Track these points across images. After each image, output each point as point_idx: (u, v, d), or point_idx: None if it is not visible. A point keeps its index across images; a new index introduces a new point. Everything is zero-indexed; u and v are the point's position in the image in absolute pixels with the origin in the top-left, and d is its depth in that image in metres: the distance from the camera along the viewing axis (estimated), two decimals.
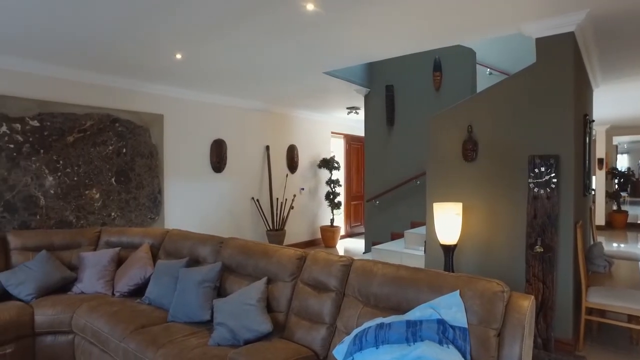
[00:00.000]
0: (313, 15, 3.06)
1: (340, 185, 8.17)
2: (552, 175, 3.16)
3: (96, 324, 2.87)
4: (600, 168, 10.18)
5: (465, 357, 1.71)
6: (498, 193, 3.58)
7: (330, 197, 8.02)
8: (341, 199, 8.51)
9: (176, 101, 5.61)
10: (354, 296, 2.25)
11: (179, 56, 4.05)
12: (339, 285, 2.32)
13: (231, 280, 2.87)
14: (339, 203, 8.11)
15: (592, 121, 4.35)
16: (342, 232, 8.71)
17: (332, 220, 8.04)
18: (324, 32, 3.45)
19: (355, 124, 8.93)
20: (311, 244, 7.86)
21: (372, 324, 1.91)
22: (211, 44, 3.71)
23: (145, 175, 5.21)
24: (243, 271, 2.84)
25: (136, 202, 5.12)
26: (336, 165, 8.03)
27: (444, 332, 1.77)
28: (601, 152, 10.18)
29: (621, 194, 10.69)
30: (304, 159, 7.80)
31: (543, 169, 3.20)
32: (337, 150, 8.91)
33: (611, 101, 6.82)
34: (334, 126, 8.58)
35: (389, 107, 6.07)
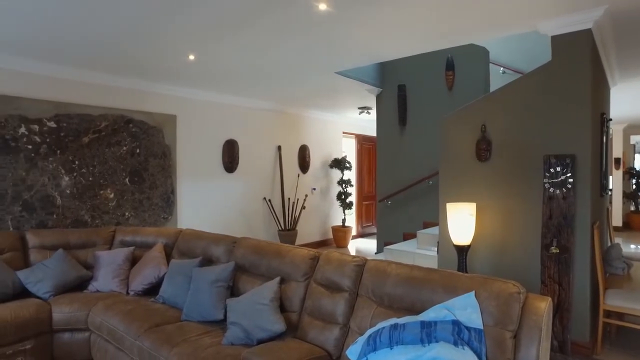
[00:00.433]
0: (325, 15, 3.06)
1: (351, 186, 8.15)
2: (568, 175, 3.11)
3: (111, 322, 2.91)
4: (617, 168, 9.99)
5: (480, 359, 1.69)
6: (512, 193, 3.53)
7: (342, 197, 8.01)
8: (353, 199, 8.49)
9: (189, 102, 5.66)
10: (367, 296, 2.24)
11: (191, 57, 4.08)
12: (352, 285, 2.31)
13: (244, 279, 2.88)
14: (350, 203, 8.10)
15: (610, 120, 4.27)
16: (353, 232, 8.69)
17: (343, 221, 8.02)
18: (336, 31, 3.45)
19: (367, 123, 8.90)
20: (323, 244, 7.86)
21: (386, 324, 1.89)
22: (224, 44, 3.73)
23: (158, 176, 5.27)
24: (256, 271, 2.85)
25: (149, 202, 5.18)
26: (348, 165, 8.02)
27: (459, 334, 1.75)
28: (618, 152, 9.98)
29: (639, 194, 10.46)
30: (315, 159, 7.81)
31: (559, 168, 3.15)
32: (349, 151, 8.90)
33: (629, 99, 6.69)
34: (345, 126, 8.57)
35: (401, 106, 6.04)
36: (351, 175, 8.67)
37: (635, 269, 4.10)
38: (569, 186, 3.10)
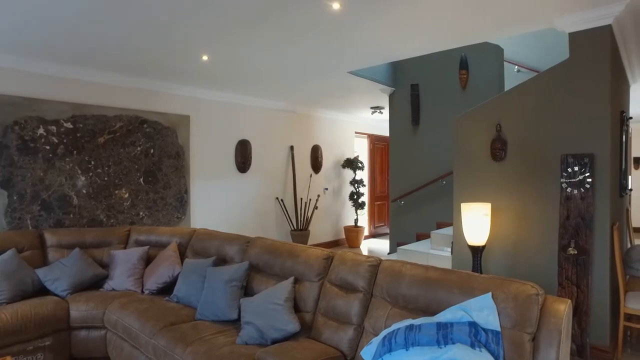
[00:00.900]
0: (338, 14, 3.05)
1: (364, 186, 8.12)
2: (587, 175, 3.05)
3: (127, 320, 2.94)
4: (637, 167, 9.77)
5: None
6: (528, 193, 3.48)
7: (354, 197, 7.98)
8: (365, 199, 8.46)
9: (202, 102, 5.70)
10: (382, 297, 2.22)
11: (205, 58, 4.11)
12: (366, 285, 2.29)
13: (258, 279, 2.89)
14: (362, 203, 8.07)
15: (629, 118, 4.17)
16: (365, 232, 8.66)
17: (356, 221, 8.00)
18: (349, 31, 3.43)
19: (379, 123, 8.87)
20: (335, 244, 7.85)
21: (401, 325, 1.88)
22: (237, 45, 3.74)
23: (172, 176, 5.31)
24: (270, 271, 2.85)
25: (163, 202, 5.22)
26: (360, 165, 7.99)
27: (476, 335, 1.72)
28: (638, 151, 9.76)
29: None
30: (327, 159, 7.80)
31: (576, 168, 3.09)
32: (361, 150, 8.87)
33: None
34: (358, 126, 8.55)
35: (414, 106, 5.99)
36: (363, 175, 8.64)
37: None
38: (587, 186, 3.04)
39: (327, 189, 7.78)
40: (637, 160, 9.76)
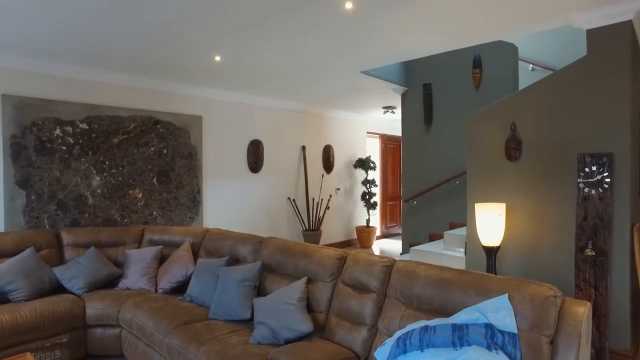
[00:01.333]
0: (351, 13, 3.04)
1: (376, 186, 8.09)
2: (605, 174, 2.98)
3: (141, 319, 2.97)
4: None
5: None
6: (544, 193, 3.42)
7: (366, 197, 7.95)
8: (377, 199, 8.42)
9: (215, 103, 5.73)
10: (395, 297, 2.20)
11: (218, 58, 4.13)
12: (380, 286, 2.28)
13: (271, 279, 2.89)
14: (374, 203, 8.03)
15: None
16: (377, 232, 8.62)
17: (367, 221, 7.97)
18: (362, 30, 3.42)
19: (391, 123, 8.82)
20: (347, 244, 7.83)
21: (415, 326, 1.86)
22: (249, 45, 3.75)
23: (184, 176, 5.35)
24: (283, 271, 2.85)
25: (176, 202, 5.27)
26: (372, 165, 7.96)
27: (492, 337, 1.70)
28: None
29: None
30: (339, 159, 7.78)
31: (594, 168, 3.03)
32: (373, 150, 8.83)
33: None
34: (369, 126, 8.51)
35: (427, 105, 5.95)
36: (375, 175, 8.60)
37: None
38: (606, 186, 2.98)
39: (339, 189, 7.76)
40: None
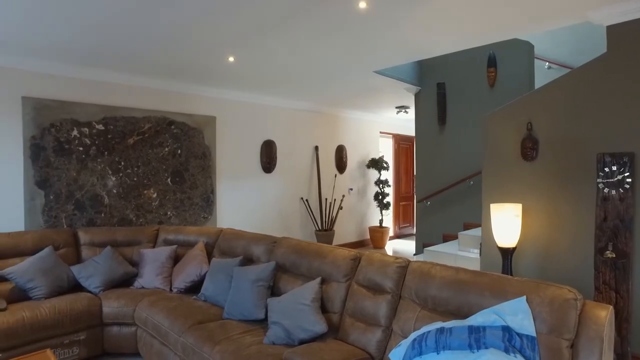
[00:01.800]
0: (364, 13, 3.02)
1: (389, 186, 8.04)
2: (626, 174, 2.91)
3: (156, 318, 3.00)
4: None
5: None
6: (561, 194, 3.36)
7: (379, 197, 7.92)
8: (390, 199, 8.38)
9: (228, 103, 5.77)
10: (410, 299, 2.18)
11: (231, 59, 4.15)
12: (394, 287, 2.26)
13: (285, 279, 2.89)
14: (387, 204, 7.99)
15: None
16: (390, 233, 8.57)
17: (380, 221, 7.93)
18: (375, 30, 3.40)
19: (404, 123, 8.77)
20: (360, 244, 7.81)
21: (431, 328, 1.84)
22: (263, 46, 3.76)
23: (198, 176, 5.40)
24: (296, 271, 2.85)
25: (190, 202, 5.31)
26: (385, 165, 7.92)
27: (510, 340, 1.67)
28: None
29: None
30: (352, 159, 7.76)
31: (614, 167, 2.96)
32: (386, 150, 8.79)
33: None
34: (382, 126, 8.47)
35: (441, 105, 5.89)
36: (388, 175, 8.56)
37: None
38: (627, 186, 2.91)
39: (351, 189, 7.74)
40: None
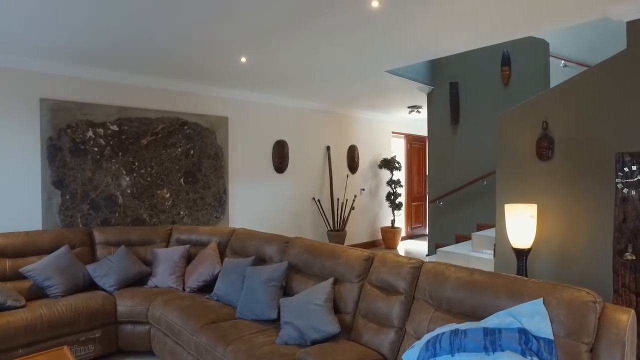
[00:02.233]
0: (377, 12, 3.01)
1: (401, 186, 8.00)
2: None
3: (170, 316, 3.02)
4: None
5: None
6: (578, 194, 3.30)
7: (391, 197, 7.88)
8: (402, 199, 8.33)
9: (240, 103, 5.80)
10: (424, 300, 2.16)
11: (243, 59, 4.17)
12: (408, 287, 2.24)
13: (297, 279, 2.89)
14: (399, 204, 7.95)
15: None
16: (402, 233, 8.52)
17: (392, 222, 7.89)
18: (388, 29, 3.38)
19: (417, 123, 8.71)
20: (371, 245, 7.77)
21: (445, 329, 1.81)
22: (276, 46, 3.77)
23: (211, 176, 5.43)
24: (309, 271, 2.85)
25: (203, 202, 5.35)
26: (397, 165, 7.88)
27: (527, 343, 1.64)
28: None
29: None
30: (364, 160, 7.74)
31: (634, 167, 2.89)
32: (398, 150, 8.74)
33: None
34: (394, 126, 8.43)
35: (454, 104, 5.84)
36: (400, 175, 8.51)
37: None
38: None
39: (363, 189, 7.72)
40: None
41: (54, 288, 3.30)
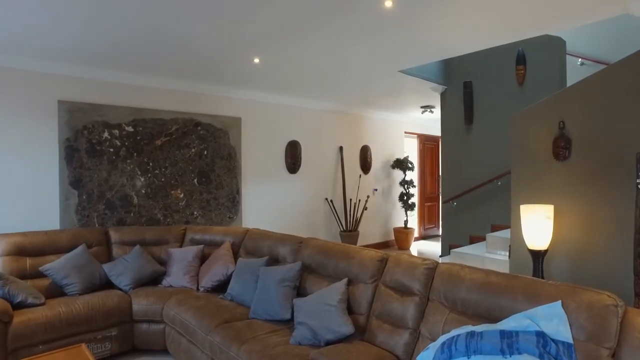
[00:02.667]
0: (391, 12, 2.99)
1: (414, 186, 7.95)
2: None
3: (184, 316, 3.05)
4: None
5: None
6: (596, 195, 3.23)
7: (404, 198, 7.83)
8: (415, 200, 8.28)
9: (253, 104, 5.82)
10: (439, 301, 2.14)
11: (257, 60, 4.18)
12: (422, 289, 2.22)
13: (311, 280, 2.89)
14: (412, 204, 7.90)
15: None
16: (415, 234, 8.46)
17: (405, 222, 7.85)
18: (402, 29, 3.36)
19: (430, 123, 8.65)
20: (384, 245, 7.74)
21: (461, 331, 1.80)
22: (288, 47, 3.78)
23: (224, 176, 5.47)
24: (323, 271, 2.84)
25: (216, 202, 5.39)
26: (410, 165, 7.83)
27: (545, 346, 1.61)
28: None
29: None
30: (377, 160, 7.71)
31: None
32: (411, 151, 8.69)
33: None
34: (407, 126, 8.38)
35: (467, 104, 5.78)
36: (413, 175, 8.46)
37: None
38: None
39: (376, 189, 7.69)
40: None
41: (71, 286, 3.36)
